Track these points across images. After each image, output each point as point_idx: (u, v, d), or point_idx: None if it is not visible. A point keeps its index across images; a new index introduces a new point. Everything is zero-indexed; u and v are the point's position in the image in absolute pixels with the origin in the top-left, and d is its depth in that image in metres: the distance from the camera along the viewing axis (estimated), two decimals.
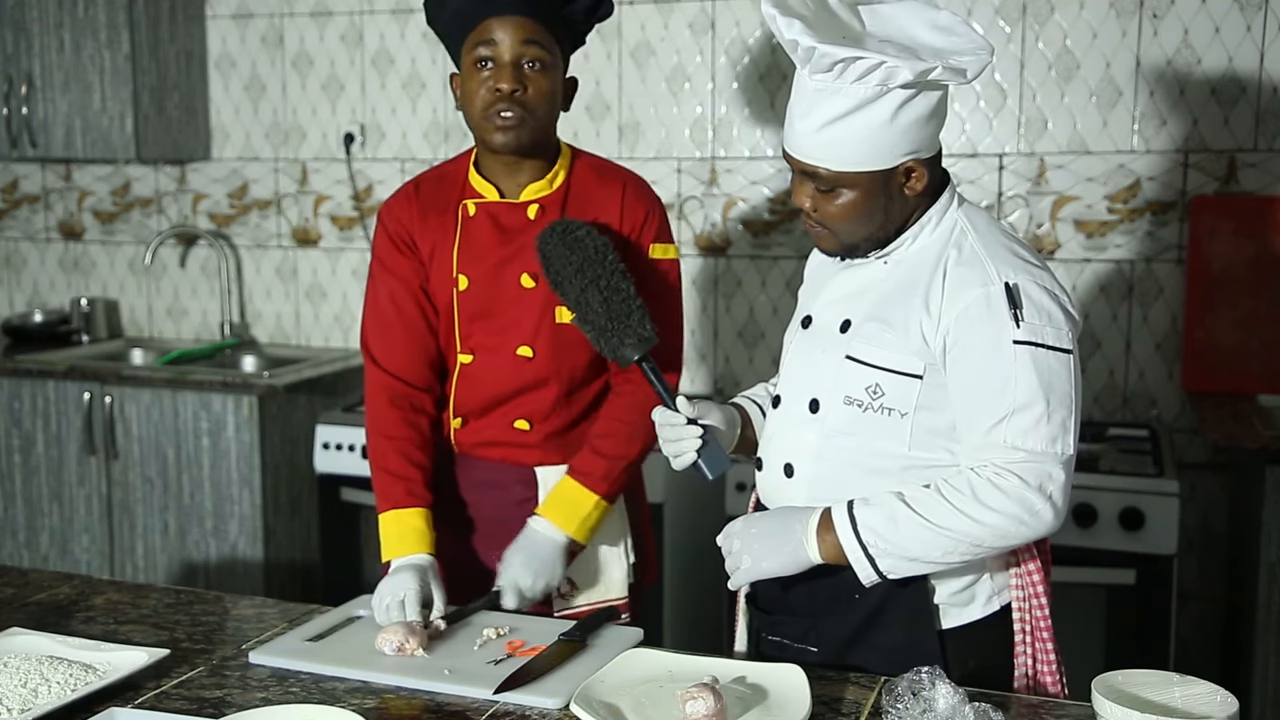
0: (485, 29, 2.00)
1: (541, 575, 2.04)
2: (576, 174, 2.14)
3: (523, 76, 2.01)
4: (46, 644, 1.75)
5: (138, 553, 3.82)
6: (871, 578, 1.68)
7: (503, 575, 2.04)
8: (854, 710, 1.58)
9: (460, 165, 2.17)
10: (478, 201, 2.11)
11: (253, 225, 4.31)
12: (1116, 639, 2.88)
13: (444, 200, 2.14)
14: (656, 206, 2.17)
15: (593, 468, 2.09)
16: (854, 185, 1.68)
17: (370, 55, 4.06)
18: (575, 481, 2.09)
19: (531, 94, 2.02)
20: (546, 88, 2.04)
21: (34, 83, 4.11)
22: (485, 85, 2.02)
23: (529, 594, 2.03)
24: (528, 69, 2.01)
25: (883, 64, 1.59)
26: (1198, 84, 3.26)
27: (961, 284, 1.67)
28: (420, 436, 2.12)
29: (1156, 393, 3.38)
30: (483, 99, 2.03)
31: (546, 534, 2.06)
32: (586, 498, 2.08)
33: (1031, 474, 1.63)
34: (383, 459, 2.10)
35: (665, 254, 2.17)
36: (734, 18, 3.63)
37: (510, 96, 2.00)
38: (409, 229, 2.13)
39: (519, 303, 2.09)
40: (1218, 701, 1.48)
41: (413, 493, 2.06)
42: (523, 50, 2.00)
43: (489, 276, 2.09)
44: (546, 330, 2.09)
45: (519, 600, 2.03)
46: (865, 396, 1.72)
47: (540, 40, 2.01)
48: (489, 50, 2.01)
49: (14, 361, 3.95)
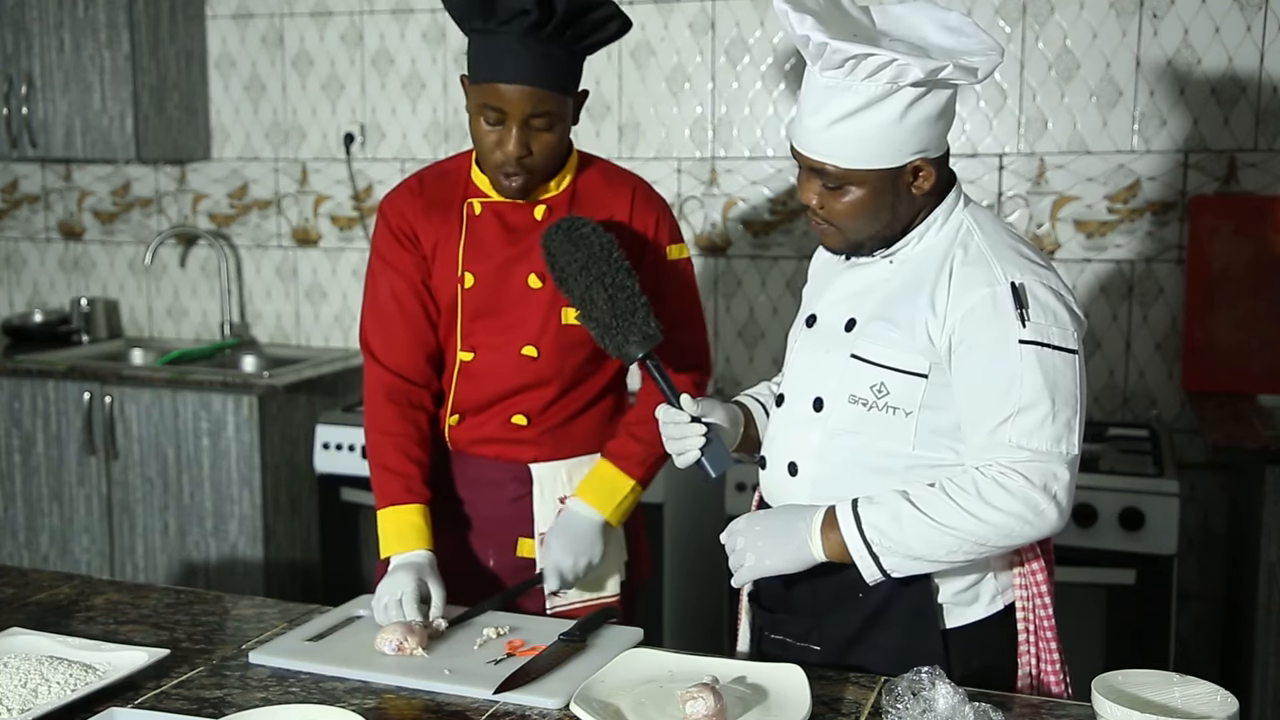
0: (494, 90, 1.96)
1: (583, 554, 2.08)
2: (584, 177, 2.14)
3: (529, 137, 1.98)
4: (46, 644, 1.75)
5: (138, 553, 3.82)
6: (876, 576, 1.68)
7: (544, 559, 2.08)
8: (854, 710, 1.58)
9: (462, 163, 2.17)
10: (483, 200, 2.11)
11: (253, 225, 4.31)
12: (1116, 639, 2.88)
13: (447, 197, 2.13)
14: (665, 208, 2.18)
15: (630, 451, 2.12)
16: (862, 183, 1.68)
17: (370, 55, 4.06)
18: (613, 465, 2.12)
19: (537, 153, 2.00)
20: (553, 141, 2.01)
21: (34, 83, 4.11)
22: (490, 138, 1.99)
23: (569, 575, 2.07)
24: (535, 124, 1.97)
25: (894, 61, 1.59)
26: (1198, 84, 3.26)
27: (967, 284, 1.68)
28: (419, 433, 2.12)
29: (1156, 393, 3.38)
30: (487, 149, 2.01)
31: (584, 514, 2.09)
32: (624, 481, 2.11)
33: (1036, 473, 1.63)
34: (381, 456, 2.10)
35: (681, 254, 2.19)
36: (734, 18, 3.63)
37: (516, 159, 1.99)
38: (411, 223, 2.13)
39: (525, 302, 2.09)
40: (1218, 701, 1.48)
41: (411, 489, 2.07)
42: (530, 112, 1.96)
43: (495, 275, 2.09)
44: (552, 331, 2.10)
45: (561, 582, 2.07)
46: (870, 395, 1.72)
47: (548, 103, 1.97)
48: (496, 107, 1.96)
49: (14, 361, 3.95)
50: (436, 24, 3.95)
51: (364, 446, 3.34)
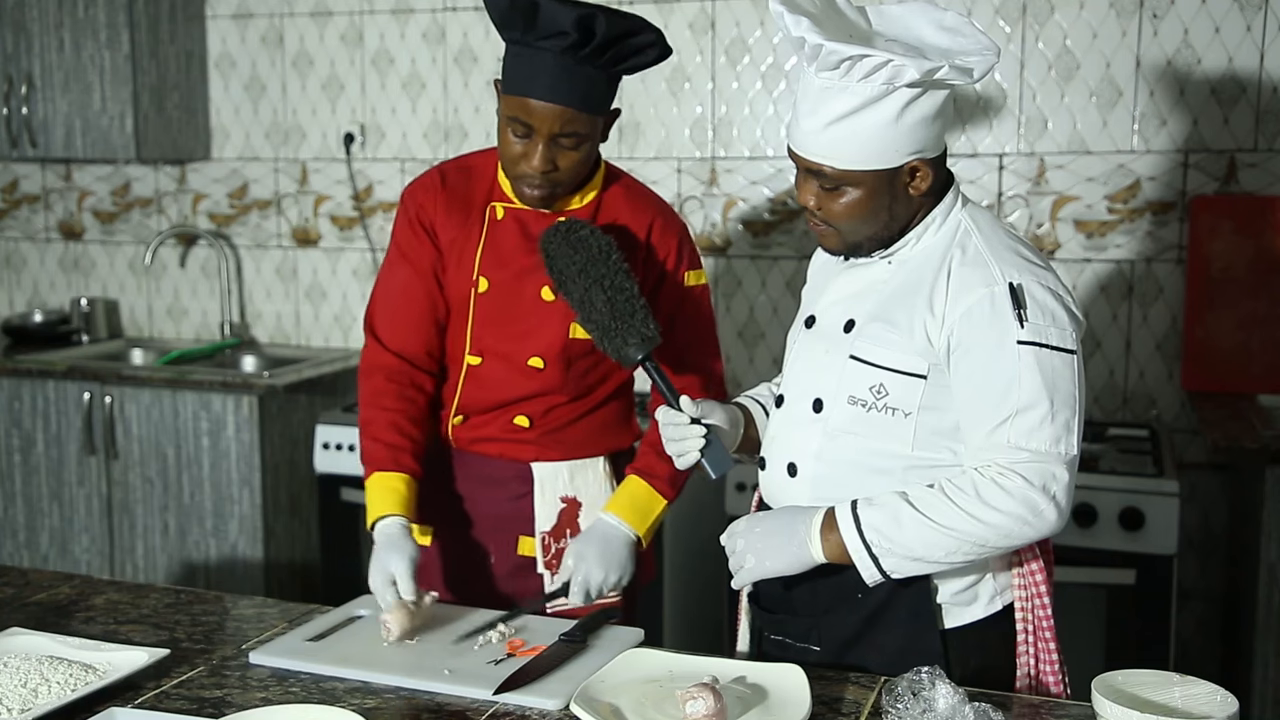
0: (524, 104, 1.92)
1: (614, 570, 2.03)
2: (609, 193, 2.12)
3: (555, 154, 1.95)
4: (46, 644, 1.75)
5: (138, 553, 3.82)
6: (875, 577, 1.68)
7: (576, 571, 2.01)
8: (854, 710, 1.58)
9: (488, 162, 2.14)
10: (506, 206, 2.10)
11: (253, 225, 4.31)
12: (1116, 639, 2.87)
13: (470, 197, 2.12)
14: (687, 234, 2.18)
15: (661, 471, 2.09)
16: (859, 184, 1.68)
17: (370, 55, 4.06)
18: (646, 484, 2.09)
19: (563, 169, 1.98)
20: (579, 158, 1.98)
21: (34, 83, 4.11)
22: (516, 149, 1.96)
23: (596, 589, 2.01)
24: (563, 142, 1.95)
25: (889, 62, 1.59)
26: (1198, 84, 3.26)
27: (966, 284, 1.68)
28: (415, 410, 2.10)
29: (1156, 393, 3.38)
30: (513, 160, 1.98)
31: (621, 530, 2.06)
32: (657, 501, 2.09)
33: (1035, 474, 1.63)
34: (374, 429, 2.07)
35: (699, 280, 2.18)
36: (734, 18, 3.63)
37: (541, 173, 1.97)
38: (431, 216, 2.11)
39: (536, 314, 2.08)
40: (1218, 701, 1.48)
41: (398, 461, 2.04)
42: (559, 130, 1.93)
43: (510, 283, 2.08)
44: (560, 344, 2.09)
45: (586, 598, 2.01)
46: (869, 396, 1.72)
47: (577, 123, 1.93)
48: (525, 121, 1.93)
49: (14, 361, 3.95)
50: (436, 24, 3.95)
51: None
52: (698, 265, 2.18)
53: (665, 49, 1.99)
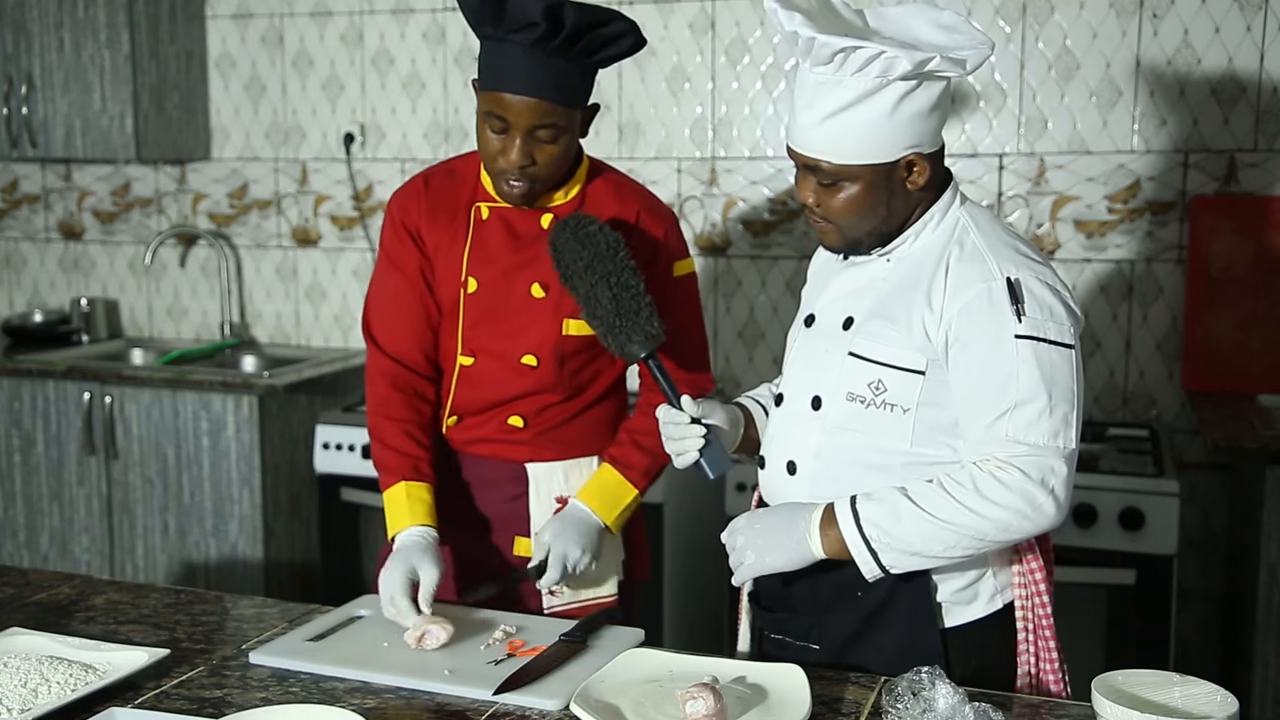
0: (499, 99, 1.93)
1: (587, 550, 2.05)
2: (593, 186, 2.13)
3: (533, 147, 1.96)
4: (46, 644, 1.75)
5: (138, 553, 3.82)
6: (874, 572, 1.68)
7: (552, 546, 2.02)
8: (854, 710, 1.58)
9: (471, 164, 2.15)
10: (491, 205, 2.11)
11: (253, 225, 4.31)
12: (1116, 639, 2.87)
13: (454, 199, 2.12)
14: (674, 223, 2.17)
15: (635, 461, 2.12)
16: (856, 179, 1.68)
17: (370, 55, 4.06)
18: (618, 473, 2.12)
19: (541, 163, 1.98)
20: (557, 153, 1.98)
21: (34, 83, 4.11)
22: (494, 145, 1.97)
23: (571, 566, 2.03)
24: (540, 135, 1.95)
25: (882, 54, 1.59)
26: (1198, 84, 3.26)
27: (964, 280, 1.68)
28: (422, 419, 2.13)
29: (1156, 393, 3.38)
30: (491, 156, 1.99)
31: (589, 515, 2.08)
32: (627, 491, 2.11)
33: (1034, 468, 1.63)
34: (388, 437, 2.10)
35: (686, 269, 2.18)
36: (734, 18, 3.63)
37: (518, 168, 1.97)
38: (415, 221, 2.12)
39: (527, 311, 2.09)
40: (1218, 701, 1.48)
41: (418, 470, 2.07)
42: (535, 123, 1.94)
43: (499, 282, 2.09)
44: (552, 340, 2.09)
45: (561, 574, 2.02)
46: (868, 393, 1.72)
47: (553, 115, 1.94)
48: (501, 116, 1.94)
49: (14, 361, 3.95)
50: (436, 24, 3.95)
51: (365, 446, 3.37)
52: (685, 254, 2.18)
53: (639, 39, 2.00)
